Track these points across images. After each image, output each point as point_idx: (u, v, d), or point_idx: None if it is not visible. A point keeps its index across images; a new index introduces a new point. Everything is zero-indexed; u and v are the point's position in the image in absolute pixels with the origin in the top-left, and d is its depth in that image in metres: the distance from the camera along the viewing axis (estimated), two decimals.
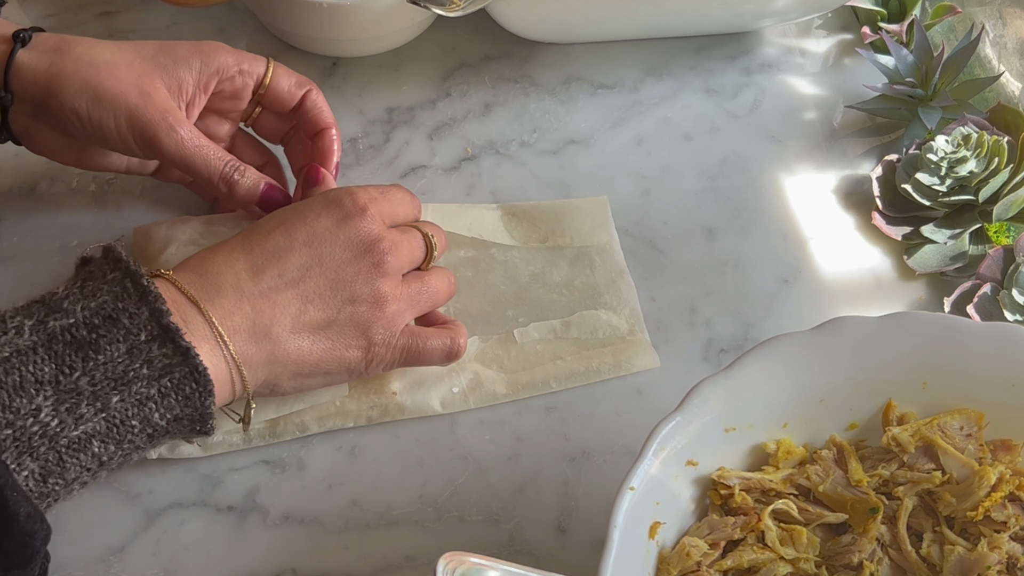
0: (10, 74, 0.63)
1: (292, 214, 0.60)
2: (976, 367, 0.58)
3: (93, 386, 0.50)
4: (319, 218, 0.59)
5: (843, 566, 0.57)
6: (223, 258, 0.57)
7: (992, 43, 0.83)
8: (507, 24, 0.80)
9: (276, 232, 0.59)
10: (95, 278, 0.53)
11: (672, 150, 0.79)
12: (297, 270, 0.58)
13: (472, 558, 0.48)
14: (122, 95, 0.63)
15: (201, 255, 0.58)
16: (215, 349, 0.54)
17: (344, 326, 0.59)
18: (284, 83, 0.69)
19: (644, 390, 0.68)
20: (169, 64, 0.65)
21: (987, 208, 0.73)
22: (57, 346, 0.50)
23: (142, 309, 0.52)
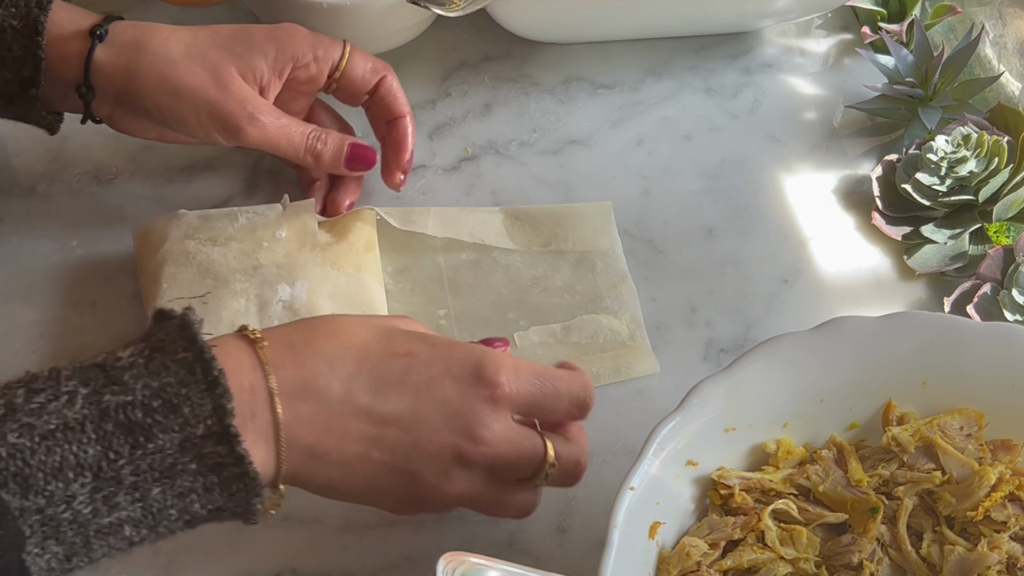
0: (90, 72, 0.63)
1: (427, 350, 0.53)
2: (976, 367, 0.58)
3: (136, 476, 0.46)
4: (447, 374, 0.52)
5: (843, 566, 0.57)
6: (333, 351, 0.51)
7: (992, 43, 0.83)
8: (507, 24, 0.80)
9: (402, 359, 0.52)
10: (165, 351, 0.47)
11: (672, 150, 0.79)
12: (390, 413, 0.52)
13: (472, 558, 0.48)
14: (200, 89, 0.63)
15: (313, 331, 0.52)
16: (270, 451, 0.50)
17: (394, 488, 0.53)
18: (359, 69, 0.69)
19: (644, 390, 0.68)
20: (244, 52, 0.65)
21: (987, 208, 0.73)
22: (108, 425, 0.45)
23: (206, 401, 0.46)
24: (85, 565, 0.46)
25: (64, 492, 0.44)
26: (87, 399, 0.45)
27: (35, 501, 0.44)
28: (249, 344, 0.50)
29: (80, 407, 0.45)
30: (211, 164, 0.76)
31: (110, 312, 0.69)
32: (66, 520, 0.44)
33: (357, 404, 0.51)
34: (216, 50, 0.65)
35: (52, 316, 0.69)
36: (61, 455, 0.44)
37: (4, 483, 0.43)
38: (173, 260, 0.67)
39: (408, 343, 0.53)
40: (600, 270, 0.72)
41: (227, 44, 0.65)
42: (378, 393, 0.51)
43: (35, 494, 0.44)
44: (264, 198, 0.75)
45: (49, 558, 0.45)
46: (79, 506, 0.45)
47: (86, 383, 0.46)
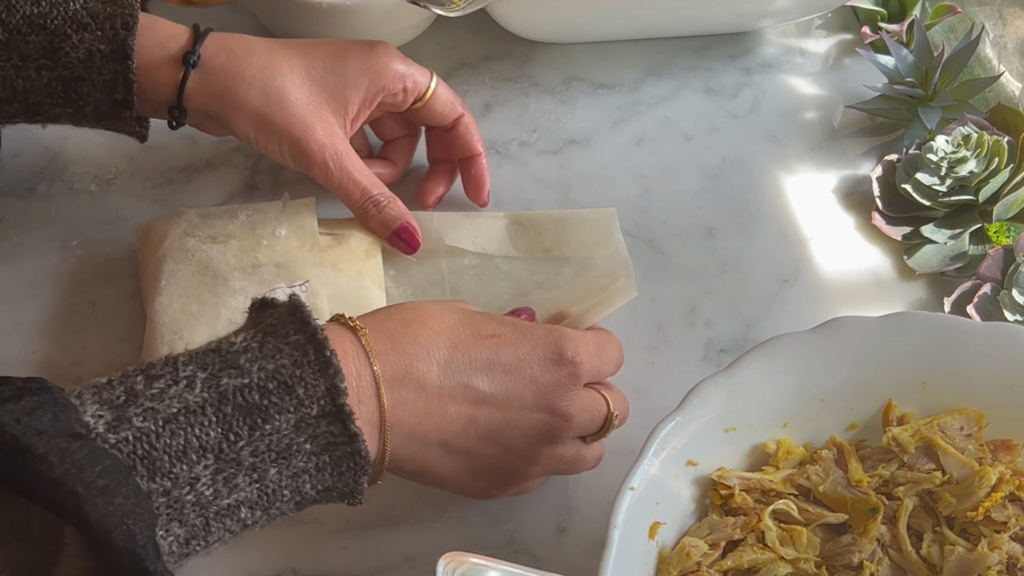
0: (183, 98, 0.65)
1: (510, 332, 0.56)
2: (976, 367, 0.58)
3: (254, 457, 0.47)
4: (532, 353, 0.56)
5: (843, 566, 0.57)
6: (427, 337, 0.54)
7: (992, 43, 0.83)
8: (507, 24, 0.80)
9: (489, 340, 0.55)
10: (276, 335, 0.49)
11: (672, 150, 0.79)
12: (484, 392, 0.55)
13: (472, 558, 0.48)
14: (287, 128, 0.66)
15: (406, 318, 0.55)
16: (374, 435, 0.52)
17: (488, 463, 0.57)
18: (440, 104, 0.71)
19: (644, 390, 0.68)
20: (338, 88, 0.67)
21: (987, 208, 0.73)
22: (227, 408, 0.46)
23: (320, 382, 0.48)
24: (201, 550, 0.47)
25: (188, 474, 0.45)
26: (206, 383, 0.47)
27: (161, 483, 0.45)
28: (351, 332, 0.52)
29: (200, 391, 0.46)
30: (211, 164, 0.76)
31: (110, 312, 0.70)
32: (189, 502, 0.45)
33: (454, 386, 0.54)
34: (310, 87, 0.67)
35: (52, 316, 0.69)
36: (185, 438, 0.45)
37: (133, 466, 0.44)
38: (173, 258, 0.67)
39: (492, 325, 0.56)
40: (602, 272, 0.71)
41: (322, 79, 0.67)
42: (472, 374, 0.54)
43: (161, 476, 0.45)
44: (264, 198, 0.75)
45: (171, 540, 0.46)
46: (202, 487, 0.46)
47: (204, 367, 0.47)
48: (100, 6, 0.62)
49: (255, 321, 0.51)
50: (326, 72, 0.67)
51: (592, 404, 0.58)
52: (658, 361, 0.69)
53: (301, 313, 0.50)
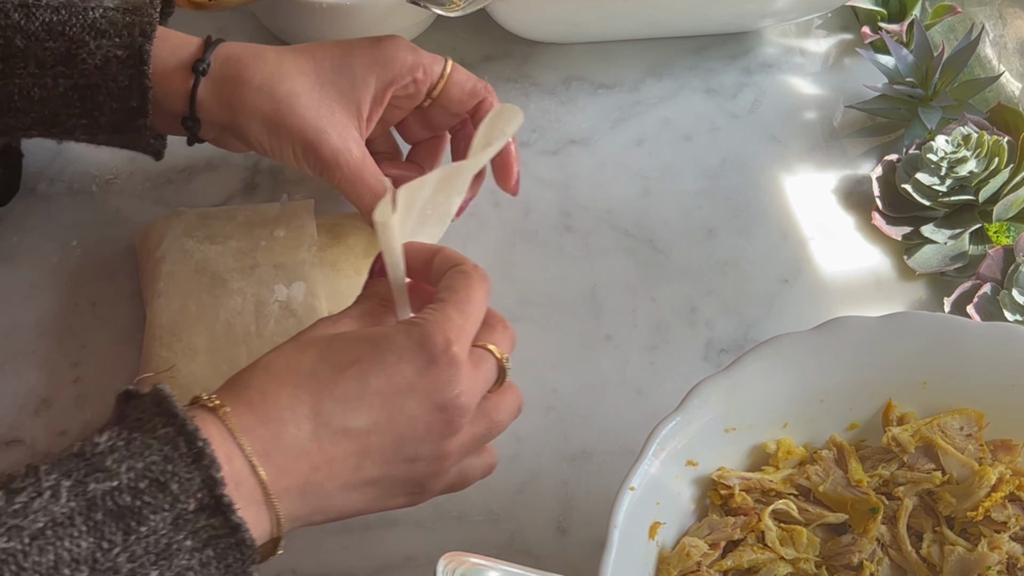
0: (195, 107, 0.64)
1: (370, 351, 0.52)
2: (976, 367, 0.59)
3: (132, 562, 0.44)
4: (400, 364, 0.52)
5: (843, 566, 0.57)
6: (286, 397, 0.51)
7: (992, 43, 0.83)
8: (507, 24, 0.80)
9: (349, 372, 0.52)
10: (143, 430, 0.46)
11: (672, 150, 0.79)
12: (364, 423, 0.51)
13: (472, 558, 0.48)
14: (299, 132, 0.64)
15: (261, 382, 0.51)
16: (261, 511, 0.49)
17: (398, 481, 0.54)
18: (456, 89, 0.68)
19: (644, 390, 0.68)
20: (347, 88, 0.66)
21: (987, 208, 0.73)
22: (97, 515, 0.44)
23: (194, 474, 0.45)
24: None
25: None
26: (71, 491, 0.44)
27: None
28: (212, 414, 0.49)
29: (66, 500, 0.44)
30: (211, 164, 0.76)
31: (110, 312, 0.70)
32: None
33: (331, 434, 0.51)
34: (320, 89, 0.65)
35: (52, 316, 0.69)
36: (55, 553, 0.43)
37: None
38: (171, 259, 0.67)
39: (350, 351, 0.52)
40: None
41: (331, 80, 0.66)
42: (345, 413, 0.51)
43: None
44: (264, 198, 0.75)
45: None
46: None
47: (68, 474, 0.44)
48: (119, 15, 0.62)
49: (119, 416, 0.48)
50: (335, 73, 0.66)
51: (482, 369, 0.55)
52: (658, 361, 0.69)
53: (167, 404, 0.47)
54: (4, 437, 0.65)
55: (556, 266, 0.73)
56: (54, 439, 0.65)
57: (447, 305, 0.54)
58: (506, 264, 0.73)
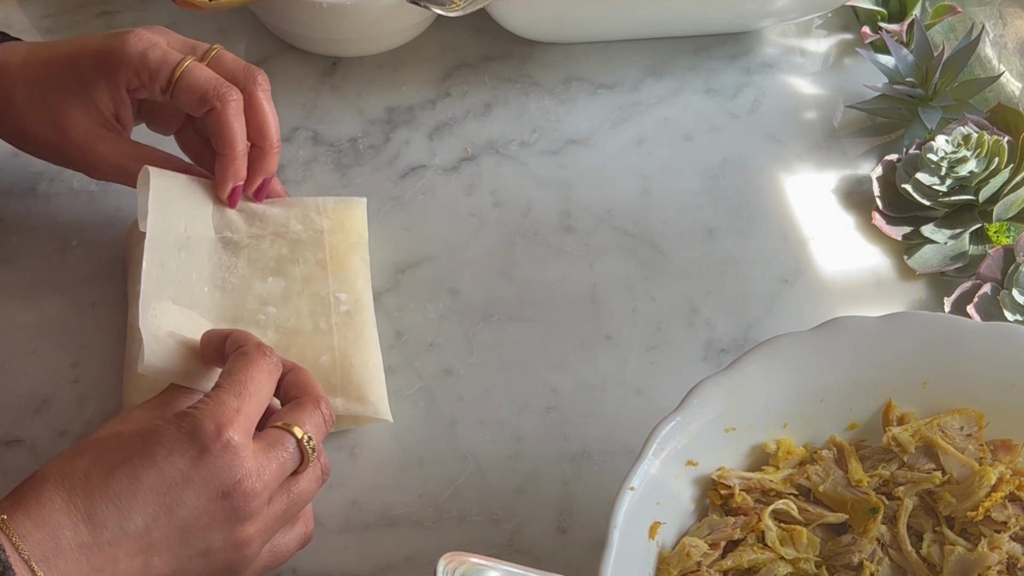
0: None
1: (140, 447, 0.51)
2: (976, 367, 0.59)
3: None
4: (170, 457, 0.50)
5: (843, 566, 0.57)
6: (61, 501, 0.49)
7: (992, 43, 0.83)
8: (507, 24, 0.80)
9: (119, 472, 0.50)
10: None
11: (672, 150, 0.79)
12: (142, 521, 0.50)
13: (472, 558, 0.48)
14: (43, 137, 0.65)
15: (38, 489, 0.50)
16: None
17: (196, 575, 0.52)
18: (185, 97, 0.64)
19: (644, 390, 0.68)
20: (79, 89, 0.65)
21: (987, 208, 0.73)
22: None
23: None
24: None
25: None
26: None
27: None
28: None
29: None
30: None
31: (110, 312, 0.70)
32: None
33: (109, 534, 0.50)
34: (55, 94, 0.64)
35: (52, 316, 0.69)
36: None
37: None
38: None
39: (121, 450, 0.51)
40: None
41: (64, 83, 0.64)
42: (120, 513, 0.50)
43: None
44: None
45: None
46: None
47: None
48: None
49: None
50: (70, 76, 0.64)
51: (274, 450, 0.53)
52: (658, 361, 0.69)
53: None
54: (4, 437, 0.65)
55: (556, 266, 0.73)
56: (54, 439, 0.65)
57: (222, 391, 0.53)
58: (506, 264, 0.73)
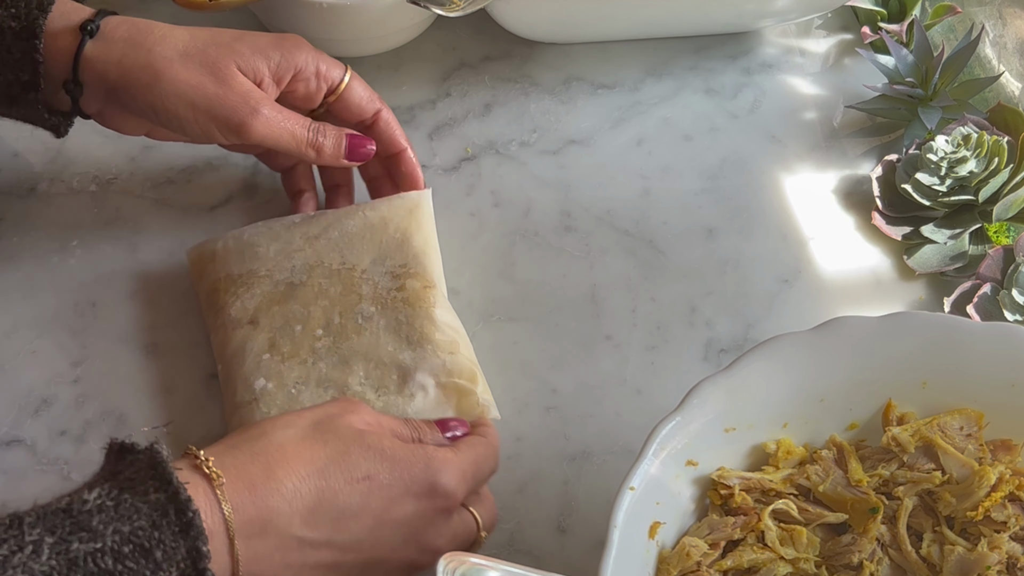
0: (79, 67, 0.62)
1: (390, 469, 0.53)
2: (976, 367, 0.59)
3: None
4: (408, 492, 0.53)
5: (843, 566, 0.57)
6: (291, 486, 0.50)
7: (992, 43, 0.83)
8: (507, 24, 0.80)
9: (361, 484, 0.51)
10: (135, 492, 0.46)
11: (672, 150, 0.79)
12: (350, 540, 0.52)
13: (472, 558, 0.48)
14: (199, 86, 0.61)
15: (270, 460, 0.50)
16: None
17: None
18: (356, 96, 0.67)
19: (644, 390, 0.68)
20: (247, 52, 0.63)
21: (987, 208, 0.73)
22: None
23: (180, 544, 0.45)
24: None
25: None
26: (53, 548, 0.43)
27: None
28: (207, 481, 0.49)
29: (47, 558, 0.43)
30: (211, 164, 0.76)
31: (110, 312, 0.70)
32: None
33: (316, 538, 0.51)
34: (216, 48, 0.63)
35: (52, 316, 0.69)
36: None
37: None
38: None
39: (367, 464, 0.52)
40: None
41: (229, 43, 0.64)
42: (337, 524, 0.51)
43: None
44: (264, 197, 0.75)
45: None
46: None
47: (52, 531, 0.44)
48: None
49: (112, 472, 0.48)
50: (234, 39, 0.64)
51: (462, 530, 0.56)
52: (658, 361, 0.69)
53: (162, 469, 0.47)
54: (4, 437, 0.65)
55: (556, 266, 0.73)
56: (54, 439, 0.65)
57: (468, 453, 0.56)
58: (506, 264, 0.73)
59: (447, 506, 0.54)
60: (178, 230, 0.73)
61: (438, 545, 0.54)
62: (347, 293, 0.65)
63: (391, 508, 0.52)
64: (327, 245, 0.67)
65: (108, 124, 0.67)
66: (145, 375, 0.67)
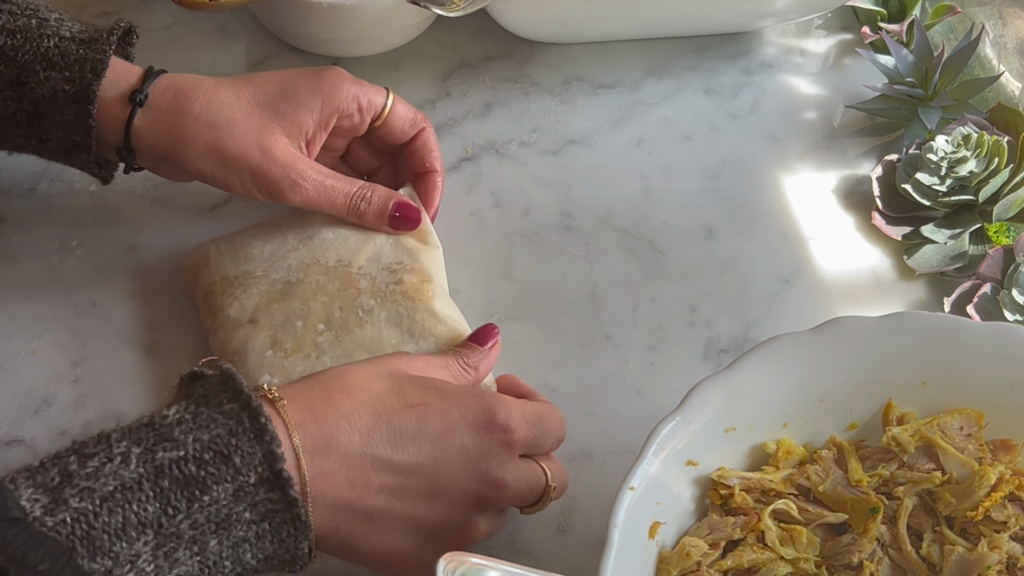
0: (130, 137, 0.64)
1: (440, 400, 0.55)
2: (976, 367, 0.59)
3: (194, 529, 0.46)
4: (463, 420, 0.54)
5: (843, 566, 0.57)
6: (348, 407, 0.53)
7: (992, 43, 0.83)
8: (507, 24, 0.80)
9: (416, 409, 0.54)
10: (210, 405, 0.49)
11: (672, 150, 0.79)
12: (410, 463, 0.53)
13: (472, 558, 0.48)
14: (244, 156, 0.64)
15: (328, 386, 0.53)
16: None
17: (415, 542, 0.55)
18: (399, 120, 0.69)
19: (644, 390, 0.68)
20: (290, 111, 0.65)
21: (987, 208, 0.73)
22: (164, 482, 0.46)
23: (256, 449, 0.48)
24: None
25: (129, 551, 0.45)
26: (140, 458, 0.46)
27: (102, 563, 0.44)
28: (270, 404, 0.51)
29: (135, 466, 0.46)
30: None
31: (110, 312, 0.70)
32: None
33: (377, 456, 0.53)
34: (261, 113, 0.65)
35: (52, 316, 0.69)
36: (123, 515, 0.45)
37: (73, 547, 0.44)
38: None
39: (421, 393, 0.55)
40: None
41: (273, 104, 0.65)
42: (397, 444, 0.53)
43: (102, 556, 0.44)
44: None
45: None
46: (143, 564, 0.45)
47: (138, 443, 0.47)
48: (73, 46, 0.62)
49: (187, 393, 0.51)
50: (276, 98, 0.65)
51: (529, 473, 0.56)
52: (658, 361, 0.69)
53: (233, 382, 0.50)
54: (4, 437, 0.65)
55: (556, 266, 0.73)
56: (54, 439, 0.65)
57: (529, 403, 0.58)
58: (506, 264, 0.73)
59: (506, 440, 0.55)
60: (178, 230, 0.73)
61: (501, 477, 0.55)
62: (345, 288, 0.65)
63: (448, 434, 0.54)
64: (321, 244, 0.67)
65: (165, 176, 0.69)
66: (145, 375, 0.67)
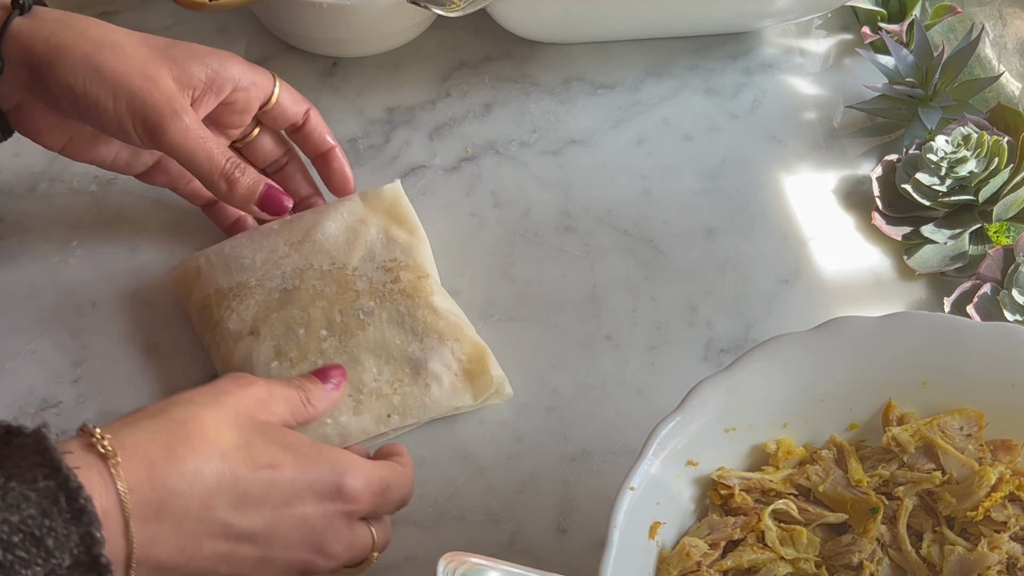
0: (4, 40, 0.59)
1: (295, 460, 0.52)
2: (976, 367, 0.58)
3: None
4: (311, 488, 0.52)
5: (843, 566, 0.57)
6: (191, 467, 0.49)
7: (992, 43, 0.83)
8: (507, 24, 0.80)
9: (264, 472, 0.51)
10: (22, 478, 0.44)
11: (672, 150, 0.79)
12: (247, 529, 0.51)
13: (472, 558, 0.48)
14: (125, 75, 0.59)
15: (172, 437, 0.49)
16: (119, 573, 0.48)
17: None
18: (287, 101, 0.68)
19: (644, 390, 0.68)
20: (182, 57, 0.62)
21: (987, 208, 0.73)
22: None
23: (72, 531, 0.44)
24: None
25: None
26: None
27: None
28: (101, 460, 0.47)
29: None
30: None
31: (110, 312, 0.70)
32: None
33: (213, 522, 0.50)
34: (149, 49, 0.61)
35: (52, 316, 0.69)
36: None
37: None
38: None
39: (271, 452, 0.51)
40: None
41: (163, 48, 0.62)
42: (236, 510, 0.50)
43: None
44: None
45: None
46: None
47: None
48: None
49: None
50: (168, 44, 0.62)
51: (359, 541, 0.55)
52: (658, 361, 0.69)
53: (50, 454, 0.45)
54: None
55: (556, 266, 0.73)
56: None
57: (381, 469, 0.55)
58: (506, 264, 0.73)
59: (349, 511, 0.53)
60: (178, 230, 0.73)
61: (335, 551, 0.53)
62: (343, 291, 0.65)
63: (292, 502, 0.51)
64: (312, 248, 0.67)
65: (26, 126, 0.64)
66: (145, 375, 0.67)
